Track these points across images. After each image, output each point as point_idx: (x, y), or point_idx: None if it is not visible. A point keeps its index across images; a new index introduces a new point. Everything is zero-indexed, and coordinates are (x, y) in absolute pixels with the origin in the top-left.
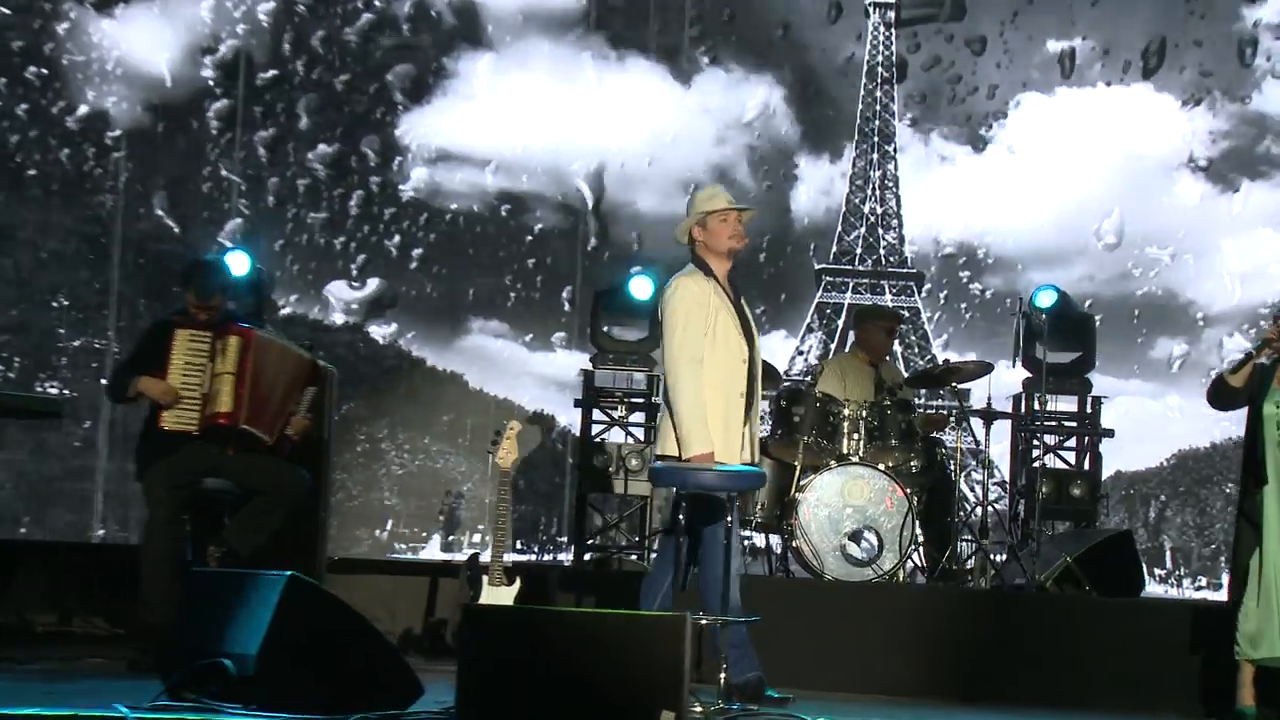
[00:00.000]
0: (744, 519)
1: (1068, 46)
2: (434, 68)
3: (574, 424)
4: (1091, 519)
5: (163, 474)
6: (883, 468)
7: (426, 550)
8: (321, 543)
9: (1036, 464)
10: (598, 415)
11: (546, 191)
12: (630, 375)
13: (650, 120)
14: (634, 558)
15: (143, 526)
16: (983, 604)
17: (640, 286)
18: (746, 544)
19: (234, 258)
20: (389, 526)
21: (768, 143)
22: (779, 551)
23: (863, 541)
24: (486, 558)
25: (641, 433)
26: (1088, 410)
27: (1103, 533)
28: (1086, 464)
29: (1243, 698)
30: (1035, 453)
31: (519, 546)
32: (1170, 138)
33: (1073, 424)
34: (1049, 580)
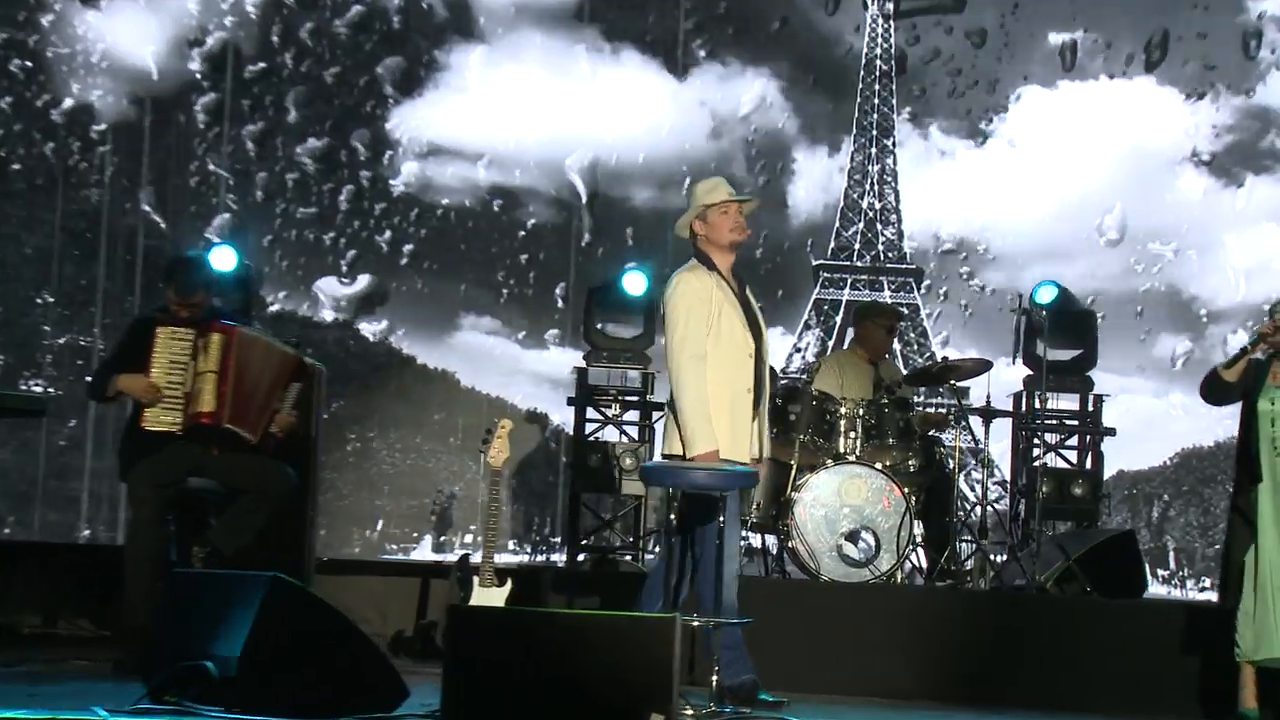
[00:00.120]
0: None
1: (1069, 39)
2: (425, 60)
3: (567, 422)
4: (1093, 519)
5: (146, 473)
6: (880, 467)
7: (418, 551)
8: (309, 543)
9: (1037, 463)
10: (591, 414)
11: (539, 186)
12: (625, 373)
13: (645, 114)
14: (628, 558)
15: (126, 526)
16: (982, 605)
17: (634, 282)
18: (743, 544)
19: (220, 253)
20: (380, 527)
21: (764, 137)
22: (775, 552)
23: (860, 542)
24: (477, 558)
25: (636, 431)
26: (1089, 408)
27: (1104, 533)
28: (1088, 463)
29: (1245, 700)
30: (1036, 451)
31: (512, 547)
32: (1173, 132)
33: (1074, 422)
34: (1049, 581)
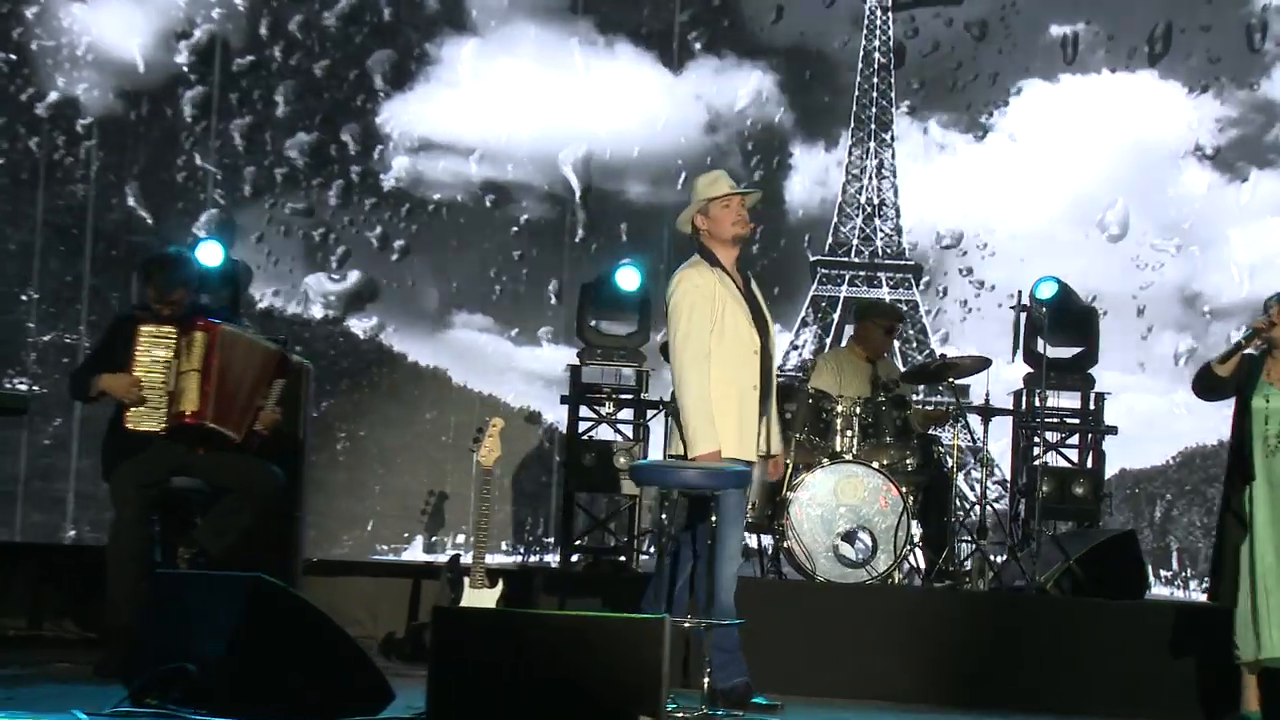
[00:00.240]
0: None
1: (1071, 32)
2: (416, 53)
3: (561, 421)
4: (1094, 519)
5: (129, 473)
6: (877, 466)
7: (409, 551)
8: (298, 543)
9: (1037, 462)
10: (585, 412)
11: (532, 181)
12: (619, 371)
13: (639, 108)
14: (622, 559)
15: (109, 526)
16: (981, 606)
17: (627, 278)
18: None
19: (206, 248)
20: (370, 527)
21: (761, 131)
22: (770, 552)
23: (856, 542)
24: (469, 559)
25: (631, 430)
26: (1090, 406)
27: (1105, 533)
28: (1089, 462)
29: (1247, 702)
30: (1036, 450)
31: (504, 547)
32: (1176, 126)
33: (1075, 421)
34: (1049, 582)
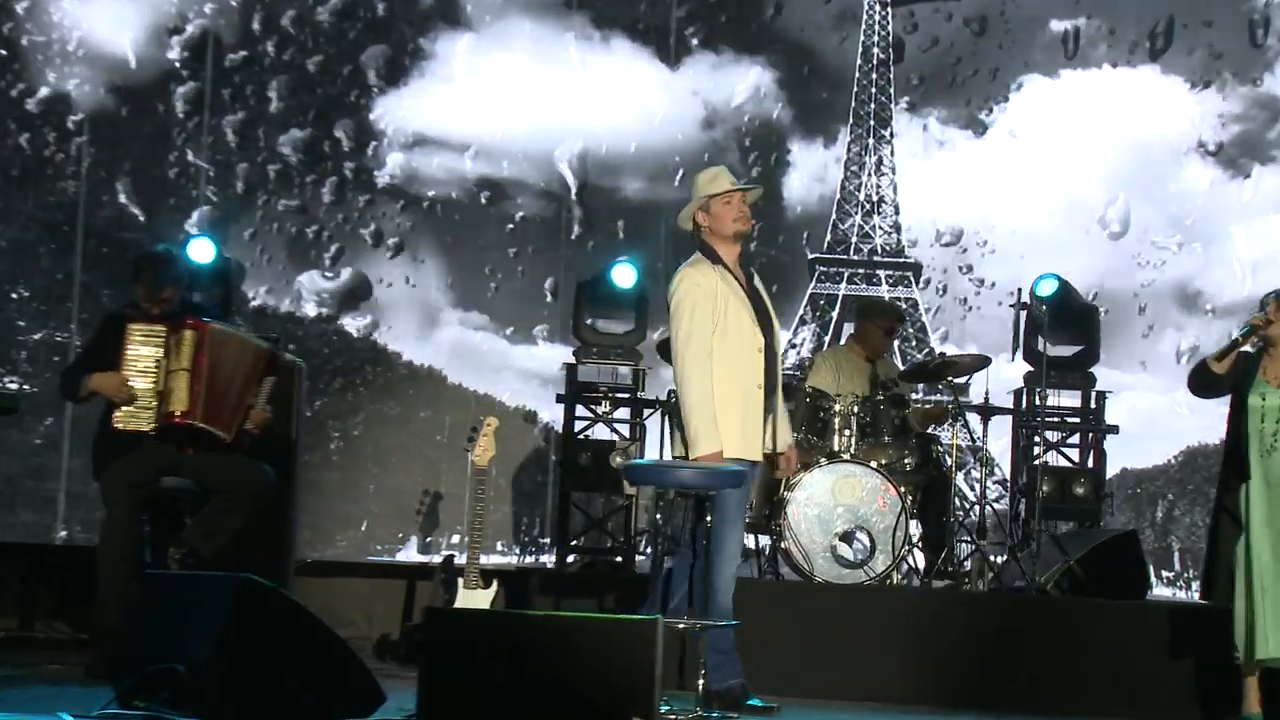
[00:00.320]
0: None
1: (1071, 26)
2: (410, 48)
3: (557, 420)
4: (1095, 519)
5: (119, 473)
6: (875, 465)
7: (404, 552)
8: (290, 543)
9: (1038, 461)
10: (581, 411)
11: (528, 177)
12: (615, 369)
13: (636, 103)
14: (619, 560)
15: (99, 527)
16: (980, 607)
17: (623, 274)
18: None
19: (197, 245)
20: (364, 527)
21: (759, 127)
22: (767, 553)
23: (854, 542)
24: (463, 560)
25: (627, 429)
26: (1091, 405)
27: (1106, 533)
28: (1090, 461)
29: (1249, 704)
30: (1036, 450)
31: (500, 548)
32: (1178, 121)
33: (1076, 420)
34: (1050, 583)
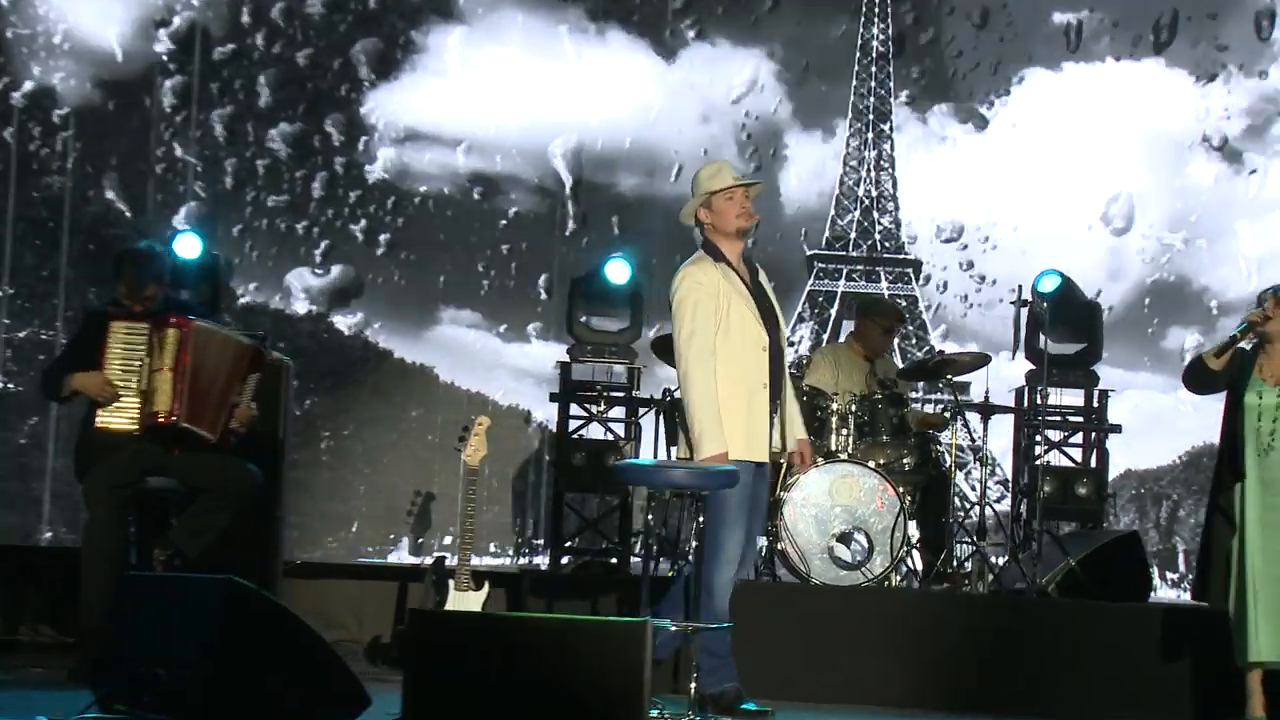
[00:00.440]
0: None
1: (1074, 19)
2: (402, 41)
3: (551, 419)
4: (1098, 519)
5: (103, 473)
6: (873, 465)
7: (396, 553)
8: (277, 544)
9: (1039, 461)
10: (575, 410)
11: (521, 173)
12: (610, 368)
13: (631, 97)
14: (614, 561)
15: (83, 528)
16: (980, 610)
17: (617, 270)
18: None
19: (184, 240)
20: (355, 528)
21: (756, 121)
22: (763, 554)
23: (852, 543)
24: (455, 561)
25: (622, 428)
26: (1094, 404)
27: (1109, 534)
28: (1093, 461)
29: (1253, 708)
30: (1038, 449)
31: (493, 549)
32: (1183, 115)
33: (1078, 419)
34: (1051, 584)
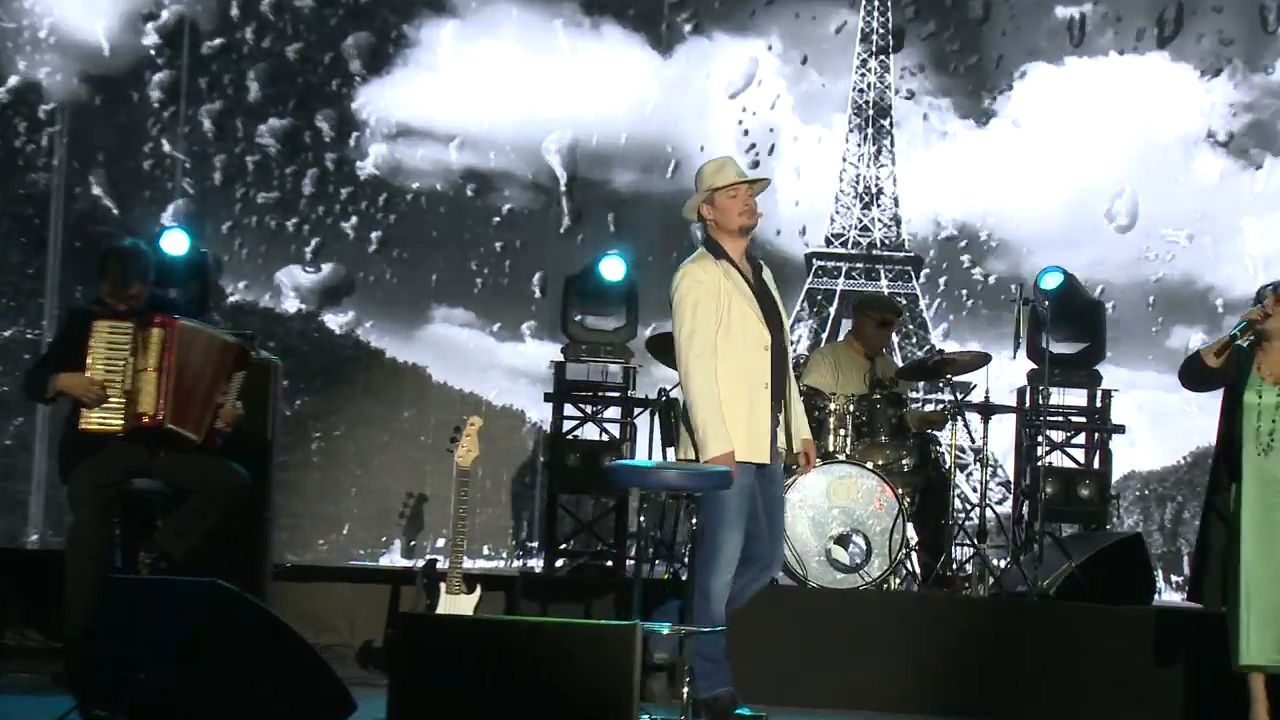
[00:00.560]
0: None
1: (1077, 13)
2: (394, 36)
3: (545, 419)
4: (1101, 521)
5: (87, 474)
6: (872, 466)
7: (388, 556)
8: (266, 545)
9: (1041, 462)
10: (570, 410)
11: (515, 169)
12: (605, 367)
13: (627, 92)
14: (609, 564)
15: (67, 529)
16: (980, 613)
17: (611, 268)
18: None
19: (170, 237)
20: (346, 530)
21: (754, 117)
22: None
23: (850, 546)
24: (446, 564)
25: (617, 429)
26: (1097, 404)
27: (1112, 536)
28: (1096, 462)
29: (1257, 713)
30: (1040, 450)
31: (486, 552)
32: (1187, 111)
33: (1081, 419)
34: (1052, 588)
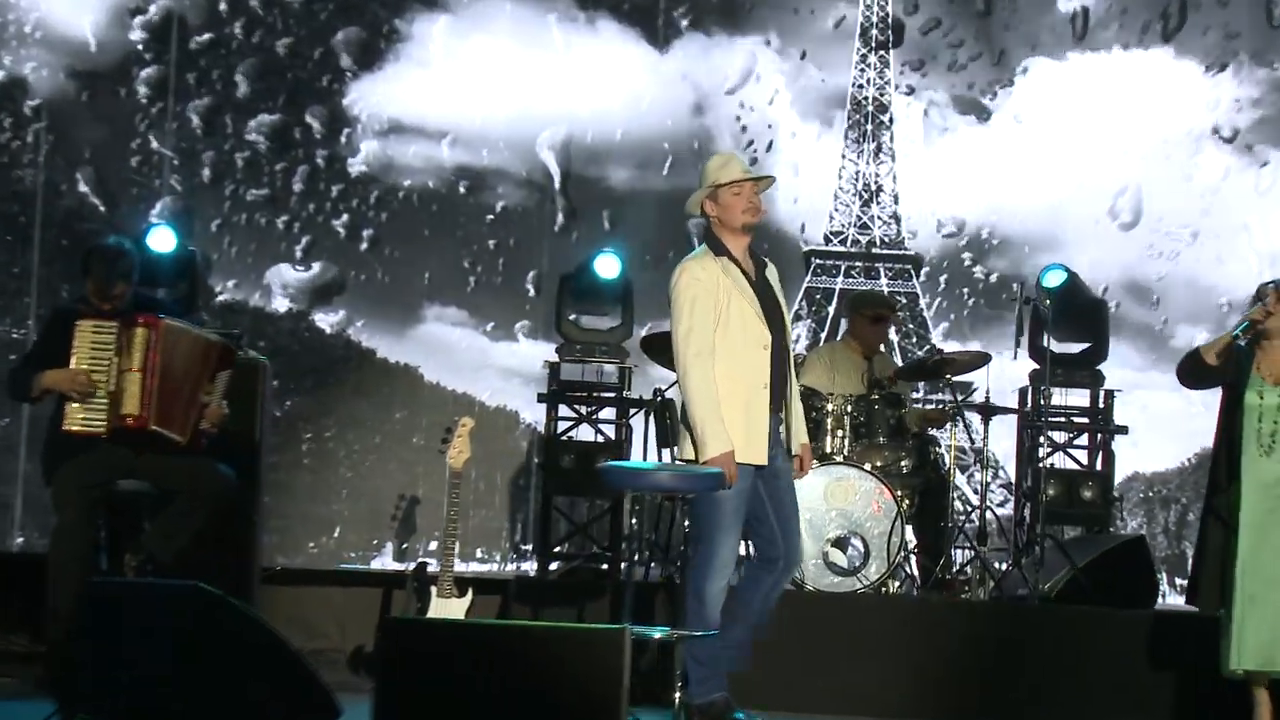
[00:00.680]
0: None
1: (1080, 6)
2: (385, 31)
3: (539, 420)
4: (1104, 523)
5: (71, 475)
6: (870, 468)
7: (379, 559)
8: (254, 548)
9: (1043, 464)
10: (564, 411)
11: (509, 166)
12: (600, 368)
13: (623, 88)
14: (604, 566)
15: (51, 531)
16: (980, 617)
17: (606, 266)
18: None
19: (157, 234)
20: (337, 533)
21: (752, 112)
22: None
23: (848, 549)
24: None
25: (612, 430)
26: (1100, 405)
27: (1114, 539)
28: (1099, 464)
29: (1260, 717)
30: (1042, 451)
31: (479, 555)
32: (1192, 106)
33: (1083, 420)
34: (1054, 591)
